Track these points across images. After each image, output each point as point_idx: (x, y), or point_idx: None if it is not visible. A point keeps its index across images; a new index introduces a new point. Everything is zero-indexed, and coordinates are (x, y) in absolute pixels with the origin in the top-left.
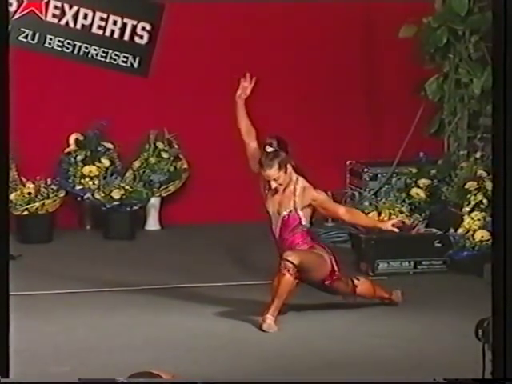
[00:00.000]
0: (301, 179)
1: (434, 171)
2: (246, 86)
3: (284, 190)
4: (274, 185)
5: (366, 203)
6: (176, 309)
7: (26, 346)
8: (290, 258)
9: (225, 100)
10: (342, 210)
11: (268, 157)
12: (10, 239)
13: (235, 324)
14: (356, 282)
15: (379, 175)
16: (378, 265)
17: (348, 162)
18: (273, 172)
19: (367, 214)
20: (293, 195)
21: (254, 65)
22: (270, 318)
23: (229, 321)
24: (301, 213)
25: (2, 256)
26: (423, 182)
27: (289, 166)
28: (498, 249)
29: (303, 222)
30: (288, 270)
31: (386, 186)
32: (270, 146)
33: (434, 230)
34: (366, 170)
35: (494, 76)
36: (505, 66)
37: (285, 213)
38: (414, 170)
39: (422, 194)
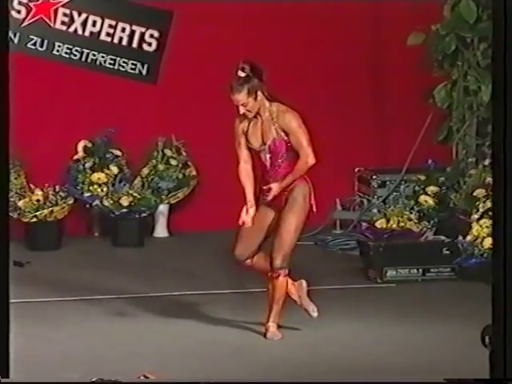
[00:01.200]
0: (275, 104)
1: (442, 178)
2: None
3: (261, 118)
4: (242, 110)
5: (375, 210)
6: (184, 316)
7: (34, 353)
8: (279, 265)
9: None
10: (303, 155)
11: (238, 81)
12: (18, 246)
13: (243, 331)
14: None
15: (388, 182)
16: (387, 272)
17: (356, 169)
18: (241, 97)
19: (376, 221)
20: (271, 123)
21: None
22: (272, 326)
23: (237, 328)
24: (285, 136)
25: (2, 257)
26: (432, 189)
27: (259, 92)
28: (499, 250)
29: (293, 146)
30: (279, 275)
31: (395, 194)
32: (243, 70)
33: (443, 238)
34: (374, 177)
35: (494, 77)
36: (505, 67)
37: (269, 141)
38: (423, 178)
39: (431, 202)
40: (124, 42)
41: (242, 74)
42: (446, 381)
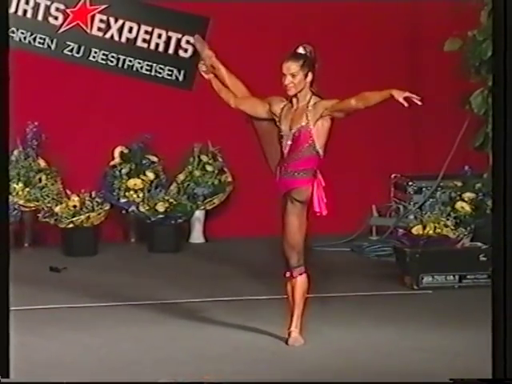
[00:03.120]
0: (314, 97)
1: (478, 185)
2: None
3: (297, 104)
4: (288, 80)
5: (411, 217)
6: (219, 321)
7: (70, 359)
8: (295, 263)
9: None
10: (352, 101)
11: (296, 54)
12: (54, 252)
13: (279, 337)
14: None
15: (424, 189)
16: (423, 279)
17: (393, 176)
18: (294, 66)
19: (412, 227)
20: (305, 110)
21: None
22: (294, 331)
23: (272, 334)
24: (313, 128)
25: (2, 257)
26: (468, 195)
27: (310, 74)
28: (499, 250)
29: (316, 143)
30: (297, 273)
31: (431, 200)
32: (304, 48)
33: (479, 244)
34: (410, 183)
35: (495, 77)
36: (505, 66)
37: (295, 128)
38: (459, 184)
39: (467, 208)
40: (160, 49)
41: (302, 51)
42: (451, 381)
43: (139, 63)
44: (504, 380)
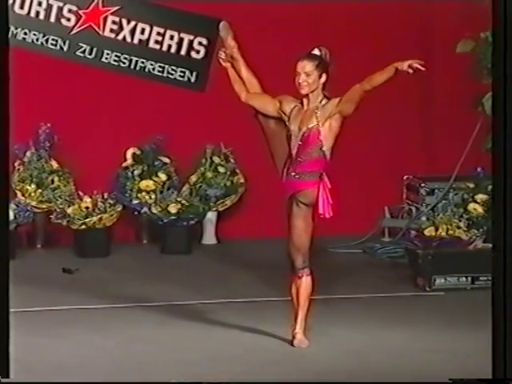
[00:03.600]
0: (325, 99)
1: (491, 186)
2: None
3: (308, 105)
4: (302, 78)
5: (423, 218)
6: (231, 323)
7: (82, 361)
8: (301, 265)
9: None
10: (357, 85)
11: (312, 54)
12: (67, 253)
13: (289, 340)
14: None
15: (436, 190)
16: (435, 280)
17: (405, 177)
18: (309, 66)
19: (424, 229)
20: (315, 111)
21: None
22: (299, 333)
23: (283, 336)
24: (322, 129)
25: (2, 258)
26: (481, 197)
27: (324, 75)
28: (499, 250)
29: (323, 144)
30: (303, 275)
31: (443, 201)
32: (319, 50)
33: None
34: (422, 185)
35: (494, 77)
36: (505, 66)
37: (304, 129)
38: (472, 185)
39: (480, 209)
40: (172, 50)
41: (317, 52)
42: (451, 381)
43: (151, 65)
44: (504, 380)
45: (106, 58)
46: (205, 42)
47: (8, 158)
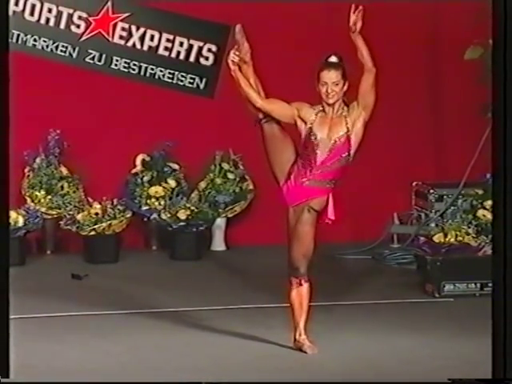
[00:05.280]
0: (345, 106)
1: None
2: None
3: (331, 112)
4: (331, 89)
5: (432, 225)
6: (241, 329)
7: (92, 366)
8: (304, 272)
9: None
10: (363, 76)
11: (335, 63)
12: (76, 259)
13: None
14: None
15: (445, 196)
16: (444, 286)
17: (414, 184)
18: (336, 75)
19: (433, 235)
20: (343, 118)
21: None
22: (307, 339)
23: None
24: (352, 136)
25: (2, 259)
26: (490, 203)
27: (347, 83)
28: (499, 250)
29: (351, 151)
30: (301, 281)
31: (452, 208)
32: (338, 58)
33: None
34: (431, 191)
35: (494, 77)
36: (505, 66)
37: (336, 136)
38: (481, 192)
39: (489, 216)
40: (182, 57)
41: (336, 60)
42: (450, 381)
43: (161, 71)
44: (504, 380)
45: (116, 65)
46: (214, 48)
47: (8, 164)
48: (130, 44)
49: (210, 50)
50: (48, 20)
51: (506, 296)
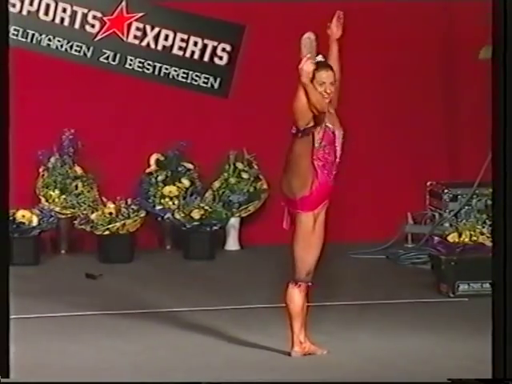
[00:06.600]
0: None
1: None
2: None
3: (328, 111)
4: (329, 88)
5: (447, 224)
6: (256, 329)
7: (106, 366)
8: (310, 278)
9: None
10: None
11: (324, 62)
12: (90, 259)
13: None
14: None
15: (459, 196)
16: (459, 286)
17: (428, 183)
18: (332, 75)
19: (448, 235)
20: (335, 116)
21: None
22: (308, 343)
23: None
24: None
25: (2, 261)
26: None
27: (336, 84)
28: (499, 250)
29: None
30: (301, 284)
31: (467, 207)
32: (324, 57)
33: None
34: (446, 191)
35: (494, 77)
36: (505, 67)
37: (342, 131)
38: None
39: None
40: (196, 56)
41: (322, 59)
42: (450, 381)
43: (175, 71)
44: (504, 380)
45: (130, 65)
46: (228, 48)
47: (8, 164)
48: (144, 44)
49: (224, 50)
50: (62, 20)
51: (506, 296)
